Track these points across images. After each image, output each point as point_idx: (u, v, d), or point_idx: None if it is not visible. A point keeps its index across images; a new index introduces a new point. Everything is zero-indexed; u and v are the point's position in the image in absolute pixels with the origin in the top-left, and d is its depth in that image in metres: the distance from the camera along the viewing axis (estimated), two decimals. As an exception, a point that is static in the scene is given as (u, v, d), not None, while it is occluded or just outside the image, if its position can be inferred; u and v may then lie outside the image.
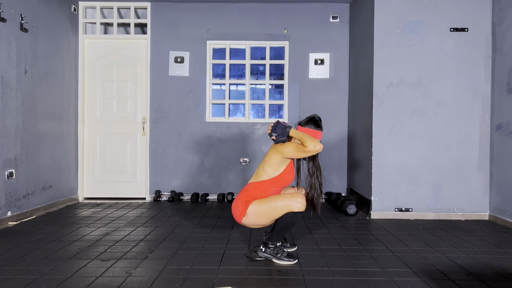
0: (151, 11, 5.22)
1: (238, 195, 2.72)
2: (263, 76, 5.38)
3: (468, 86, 4.12)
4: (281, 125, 2.62)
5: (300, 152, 2.53)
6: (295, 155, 2.56)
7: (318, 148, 2.48)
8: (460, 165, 4.13)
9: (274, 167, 2.65)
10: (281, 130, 2.61)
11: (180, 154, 5.23)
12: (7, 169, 3.74)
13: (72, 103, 5.00)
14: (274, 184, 2.69)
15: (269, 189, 2.69)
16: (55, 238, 3.24)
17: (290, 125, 2.64)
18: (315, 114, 2.75)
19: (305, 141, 2.50)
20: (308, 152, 2.50)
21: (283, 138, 2.60)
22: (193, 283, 2.26)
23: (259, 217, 2.60)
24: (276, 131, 2.62)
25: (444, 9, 4.11)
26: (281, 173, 2.67)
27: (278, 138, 2.61)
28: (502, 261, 2.71)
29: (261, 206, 2.58)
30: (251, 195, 2.65)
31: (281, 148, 2.59)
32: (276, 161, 2.64)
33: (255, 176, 2.73)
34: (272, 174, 2.66)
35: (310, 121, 2.69)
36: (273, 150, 2.64)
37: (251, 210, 2.59)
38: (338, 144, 5.26)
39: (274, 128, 2.63)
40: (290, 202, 2.54)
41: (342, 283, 2.29)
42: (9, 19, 3.76)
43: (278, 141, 2.63)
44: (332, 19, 5.24)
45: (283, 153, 2.58)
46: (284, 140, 2.61)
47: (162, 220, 3.95)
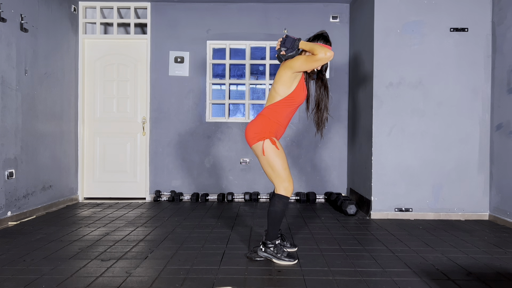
0: (151, 11, 5.22)
1: (256, 118, 2.70)
2: (263, 76, 5.38)
3: (468, 86, 4.12)
4: (290, 38, 2.56)
5: (311, 62, 2.47)
6: (306, 66, 2.51)
7: (328, 55, 2.43)
8: (460, 165, 4.13)
9: (286, 85, 2.61)
10: (290, 43, 2.54)
11: (180, 154, 5.23)
12: (7, 169, 3.74)
13: (72, 103, 5.00)
14: (288, 103, 2.65)
15: (284, 109, 2.66)
16: (55, 238, 3.24)
17: (299, 38, 2.58)
18: (323, 30, 2.72)
19: (315, 50, 2.44)
20: (319, 60, 2.45)
21: (292, 52, 2.54)
22: (193, 283, 2.26)
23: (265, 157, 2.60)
24: (285, 45, 2.55)
25: (444, 9, 4.11)
26: (293, 90, 2.63)
27: (288, 52, 2.55)
28: (502, 261, 2.71)
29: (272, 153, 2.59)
30: (268, 123, 2.63)
31: (290, 63, 2.54)
32: (287, 78, 2.58)
33: (269, 99, 2.69)
34: (285, 92, 2.62)
35: (319, 36, 2.66)
36: (283, 67, 2.59)
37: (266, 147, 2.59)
38: (338, 144, 5.26)
39: (283, 42, 2.57)
40: (285, 178, 2.61)
41: (342, 283, 2.29)
42: (9, 19, 3.76)
43: (288, 56, 2.56)
44: (332, 19, 5.24)
45: (293, 67, 2.53)
46: (293, 54, 2.55)
47: (162, 220, 3.95)
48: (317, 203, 5.02)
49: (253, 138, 2.63)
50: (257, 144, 2.62)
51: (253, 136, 2.63)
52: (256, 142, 2.62)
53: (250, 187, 5.24)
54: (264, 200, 5.18)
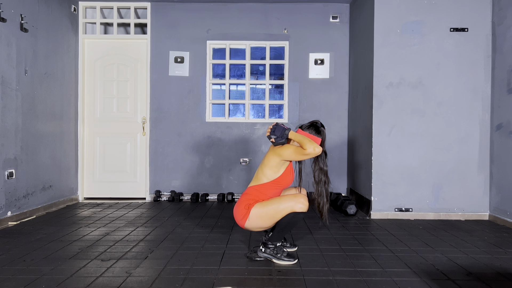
0: (151, 11, 5.22)
1: (240, 199, 2.71)
2: (263, 76, 5.38)
3: (468, 86, 4.12)
4: (280, 127, 2.62)
5: (299, 154, 2.53)
6: (294, 158, 2.57)
7: (317, 151, 2.49)
8: (460, 165, 4.13)
9: (273, 169, 2.65)
10: (280, 132, 2.60)
11: (180, 154, 5.23)
12: (7, 169, 3.74)
13: (72, 103, 5.00)
14: (274, 186, 2.69)
15: (270, 191, 2.69)
16: (55, 238, 3.24)
17: (289, 128, 2.64)
18: (317, 120, 2.75)
19: (304, 144, 2.50)
20: (307, 155, 2.51)
21: (282, 140, 2.60)
22: (193, 283, 2.26)
23: (262, 219, 2.60)
24: (275, 133, 2.61)
25: (444, 9, 4.11)
26: (280, 175, 2.67)
27: (277, 141, 2.61)
28: (502, 261, 2.71)
29: (263, 208, 2.58)
30: (252, 198, 2.65)
31: (279, 151, 2.59)
32: (275, 164, 2.64)
33: (255, 179, 2.72)
34: (272, 177, 2.66)
35: (312, 126, 2.70)
36: (272, 153, 2.64)
37: (253, 213, 2.59)
38: (338, 144, 5.26)
39: (273, 130, 2.63)
40: (292, 203, 2.55)
41: (342, 283, 2.29)
42: (9, 19, 3.76)
43: (277, 144, 2.62)
44: (332, 19, 5.24)
45: (282, 156, 2.58)
46: (283, 142, 2.61)
47: (162, 220, 3.95)
48: (317, 203, 5.02)
49: (243, 217, 2.62)
50: (248, 220, 2.61)
51: (242, 217, 2.62)
52: (247, 219, 2.61)
53: (250, 187, 5.23)
54: (264, 200, 5.17)
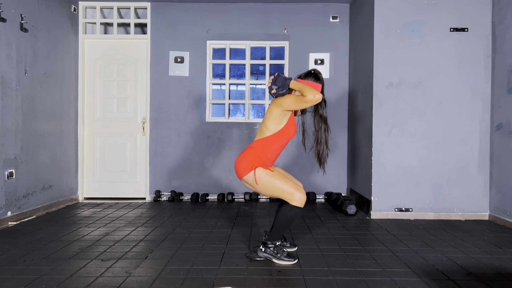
0: (151, 11, 5.22)
1: (244, 151, 2.70)
2: (263, 76, 5.38)
3: (468, 86, 4.12)
4: (282, 77, 2.61)
5: (300, 102, 2.51)
6: (295, 106, 2.55)
7: (317, 97, 2.47)
8: (460, 165, 4.13)
9: (275, 121, 2.64)
10: (281, 82, 2.59)
11: (180, 154, 5.23)
12: (7, 169, 3.74)
13: (72, 103, 5.00)
14: (278, 138, 2.67)
15: (274, 144, 2.68)
16: (55, 238, 3.24)
17: (290, 77, 2.63)
18: (314, 68, 2.75)
19: (304, 91, 2.49)
20: (307, 102, 2.49)
21: (283, 90, 2.59)
22: (193, 283, 2.26)
23: (260, 184, 2.59)
24: (276, 84, 2.60)
25: (444, 9, 4.11)
26: (283, 126, 2.65)
27: (278, 91, 2.59)
28: (502, 261, 2.71)
29: (266, 177, 2.58)
30: (257, 154, 2.64)
31: (280, 101, 2.58)
32: (277, 115, 2.62)
33: (259, 133, 2.71)
34: (275, 129, 2.65)
35: (310, 74, 2.69)
36: (273, 104, 2.63)
37: (257, 174, 2.58)
38: (338, 144, 5.26)
39: (274, 80, 2.62)
40: (293, 191, 2.56)
41: (342, 283, 2.29)
42: (9, 19, 3.76)
43: (278, 94, 2.61)
44: (332, 19, 5.24)
45: (283, 105, 2.57)
46: (284, 93, 2.60)
47: (162, 220, 3.95)
48: (317, 203, 5.02)
49: (244, 169, 2.62)
50: (248, 175, 2.61)
51: (244, 168, 2.62)
52: (247, 173, 2.61)
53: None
54: (264, 200, 5.18)
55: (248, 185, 2.67)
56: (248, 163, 2.62)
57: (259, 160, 2.64)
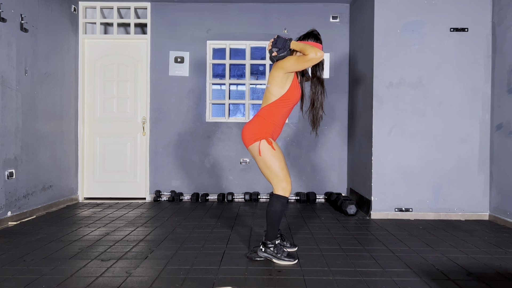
0: (151, 11, 5.22)
1: (252, 119, 2.71)
2: (263, 76, 5.38)
3: (468, 86, 4.12)
4: (282, 38, 2.58)
5: (302, 62, 2.50)
6: (297, 66, 2.53)
7: (319, 55, 2.45)
8: (460, 165, 4.13)
9: (279, 85, 2.63)
10: (282, 43, 2.57)
11: (180, 154, 5.23)
12: (7, 169, 3.74)
13: (72, 103, 5.00)
14: (283, 103, 2.66)
15: (280, 110, 2.67)
16: (55, 238, 3.24)
17: (290, 38, 2.60)
18: (313, 29, 2.74)
19: (306, 50, 2.47)
20: (310, 60, 2.47)
21: (284, 52, 2.57)
22: (193, 283, 2.26)
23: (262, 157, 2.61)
24: (277, 45, 2.58)
25: (444, 9, 4.11)
26: (287, 90, 2.65)
27: (279, 53, 2.57)
28: (502, 261, 2.71)
29: (268, 153, 2.60)
30: (264, 124, 2.65)
31: (282, 64, 2.56)
32: (280, 78, 2.60)
33: (264, 100, 2.71)
34: (279, 93, 2.64)
35: (309, 34, 2.68)
36: (275, 68, 2.61)
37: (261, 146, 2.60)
38: (338, 144, 5.26)
39: (274, 42, 2.60)
40: (283, 178, 2.62)
41: (342, 283, 2.29)
42: (9, 19, 3.76)
43: (279, 57, 2.59)
44: (332, 19, 5.24)
45: (285, 67, 2.55)
46: (285, 55, 2.58)
47: (162, 220, 3.95)
48: (317, 203, 5.02)
49: (250, 139, 2.64)
50: (253, 145, 2.63)
51: (249, 137, 2.64)
52: (253, 143, 2.63)
53: (250, 187, 5.24)
54: (264, 200, 5.18)
55: (251, 154, 2.69)
56: (254, 132, 2.64)
57: (267, 130, 2.65)
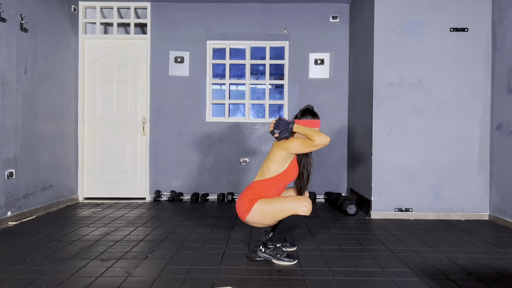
0: (151, 11, 5.22)
1: (243, 192, 2.70)
2: (263, 76, 5.38)
3: (468, 86, 4.12)
4: (284, 121, 2.61)
5: (308, 147, 2.52)
6: (301, 150, 2.55)
7: (325, 141, 2.47)
8: (460, 165, 4.13)
9: (278, 164, 2.64)
10: (284, 126, 2.59)
11: (180, 154, 5.23)
12: (7, 169, 3.74)
13: (72, 103, 5.00)
14: (279, 181, 2.67)
15: (274, 186, 2.68)
16: (55, 238, 3.24)
17: (292, 121, 2.64)
18: (308, 105, 2.75)
19: (312, 136, 2.49)
20: (316, 146, 2.50)
21: (285, 134, 2.59)
22: (193, 283, 2.26)
23: (263, 216, 2.59)
24: (279, 128, 2.60)
25: (444, 9, 4.11)
26: (285, 169, 2.66)
27: (281, 135, 2.60)
28: (502, 261, 2.71)
29: (266, 205, 2.57)
30: (256, 193, 2.64)
31: (285, 145, 2.57)
32: (281, 158, 2.62)
33: (260, 174, 2.71)
34: (277, 171, 2.65)
35: (306, 112, 2.69)
36: (277, 147, 2.62)
37: (256, 209, 2.58)
38: (338, 144, 5.26)
39: (276, 125, 2.62)
40: (296, 204, 2.52)
41: (342, 283, 2.29)
42: (9, 19, 3.76)
43: (281, 138, 2.61)
44: (332, 19, 5.24)
45: (289, 149, 2.57)
46: (286, 136, 2.60)
47: (162, 220, 3.95)
48: (317, 203, 5.02)
49: (245, 211, 2.61)
50: (249, 214, 2.60)
51: (244, 210, 2.61)
52: (249, 213, 2.60)
53: (250, 187, 5.23)
54: (264, 200, 5.17)
55: (253, 224, 2.65)
56: (246, 202, 2.61)
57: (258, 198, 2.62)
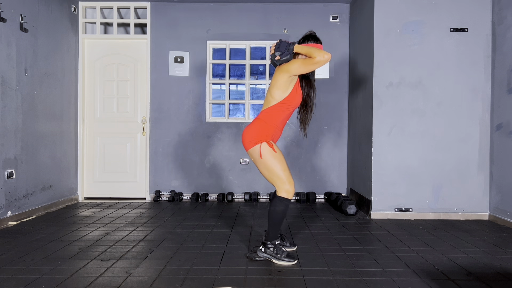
0: (151, 11, 5.22)
1: (252, 122, 2.69)
2: (263, 76, 5.38)
3: (468, 86, 4.12)
4: (285, 42, 2.56)
5: (309, 65, 2.46)
6: (303, 70, 2.50)
7: (326, 57, 2.42)
8: (460, 165, 4.13)
9: (281, 89, 2.59)
10: (285, 47, 2.54)
11: (180, 154, 5.23)
12: (7, 169, 3.74)
13: (72, 103, 5.00)
14: (284, 107, 2.64)
15: (281, 113, 2.65)
16: (55, 238, 3.24)
17: (293, 42, 2.58)
18: (311, 30, 2.73)
19: (312, 53, 2.44)
20: (317, 63, 2.44)
21: (287, 56, 2.53)
22: (193, 283, 2.26)
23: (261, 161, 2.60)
24: (280, 49, 2.55)
25: (444, 9, 4.11)
26: (289, 94, 2.62)
27: (282, 57, 2.53)
28: (502, 261, 2.71)
29: (268, 155, 2.58)
30: (265, 126, 2.62)
31: (287, 67, 2.53)
32: (283, 82, 2.57)
33: (265, 103, 2.68)
34: (281, 96, 2.61)
35: (308, 36, 2.66)
36: (279, 71, 2.58)
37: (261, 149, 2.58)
38: (338, 144, 5.26)
39: (277, 46, 2.56)
40: (285, 180, 2.60)
41: (342, 283, 2.29)
42: (9, 19, 3.76)
43: (282, 61, 2.55)
44: (332, 19, 5.24)
45: (290, 70, 2.51)
46: (288, 59, 2.54)
47: (162, 220, 3.95)
48: (317, 203, 5.02)
49: (250, 142, 2.62)
50: (254, 148, 2.61)
51: (250, 140, 2.62)
52: (253, 146, 2.61)
53: (250, 187, 5.24)
54: (264, 200, 5.18)
55: (251, 157, 2.67)
56: (254, 135, 2.61)
57: (267, 133, 2.63)
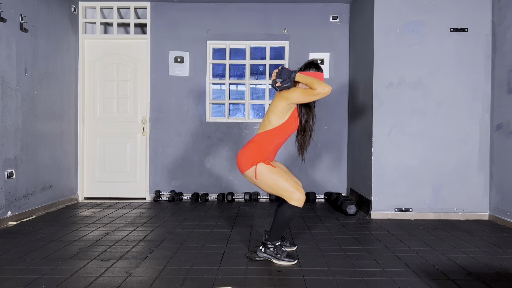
0: (151, 11, 5.22)
1: (246, 144, 2.69)
2: (263, 76, 5.38)
3: (468, 86, 4.12)
4: (286, 70, 2.57)
5: (309, 95, 2.48)
6: (302, 99, 2.51)
7: (327, 90, 2.44)
8: (460, 165, 4.13)
9: (279, 115, 2.61)
10: (286, 75, 2.55)
11: (180, 154, 5.23)
12: (7, 169, 3.74)
13: (72, 103, 5.00)
14: (280, 132, 2.65)
15: (276, 138, 2.66)
16: (55, 238, 3.24)
17: (295, 70, 2.60)
18: (313, 58, 2.73)
19: (313, 84, 2.46)
20: (317, 95, 2.46)
21: (288, 83, 2.55)
22: (193, 283, 2.26)
23: (260, 180, 2.59)
24: (281, 76, 2.56)
25: (444, 9, 4.11)
26: (286, 120, 2.63)
27: (283, 84, 2.55)
28: (502, 261, 2.71)
29: (267, 172, 2.58)
30: (259, 149, 2.63)
31: (286, 94, 2.54)
32: (282, 108, 2.58)
33: (262, 126, 2.70)
34: (278, 122, 2.62)
35: (310, 64, 2.66)
36: (278, 98, 2.59)
37: (259, 170, 2.58)
38: (338, 144, 5.26)
39: (279, 73, 2.58)
40: (293, 190, 2.55)
41: (342, 283, 2.29)
42: (9, 19, 3.76)
43: (283, 88, 2.56)
44: (332, 19, 5.24)
45: (290, 99, 2.53)
46: (288, 86, 2.56)
47: (162, 220, 3.95)
48: (317, 203, 5.02)
49: (246, 164, 2.61)
50: (249, 170, 2.61)
51: (245, 162, 2.62)
52: (249, 168, 2.60)
53: (250, 187, 5.24)
54: (264, 200, 5.18)
55: (249, 179, 2.67)
56: (249, 157, 2.62)
57: (261, 155, 2.63)
